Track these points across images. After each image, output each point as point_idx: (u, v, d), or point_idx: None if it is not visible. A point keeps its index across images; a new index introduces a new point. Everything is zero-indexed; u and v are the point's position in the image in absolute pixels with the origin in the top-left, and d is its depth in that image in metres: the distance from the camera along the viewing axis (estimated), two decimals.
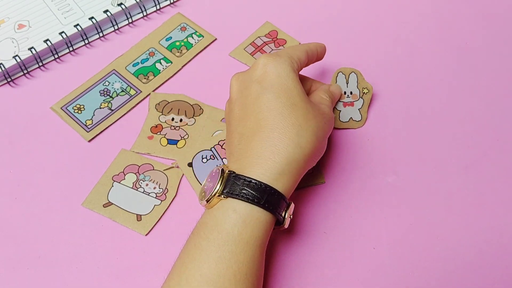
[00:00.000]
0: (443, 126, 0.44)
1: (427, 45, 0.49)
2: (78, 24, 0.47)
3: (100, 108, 0.44)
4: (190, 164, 0.41)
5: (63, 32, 0.47)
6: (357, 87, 0.45)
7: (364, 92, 0.44)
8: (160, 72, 0.46)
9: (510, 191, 0.40)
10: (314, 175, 0.40)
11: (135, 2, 0.49)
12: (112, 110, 0.44)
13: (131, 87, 0.45)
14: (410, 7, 0.52)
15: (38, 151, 0.42)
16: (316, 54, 0.41)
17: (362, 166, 0.41)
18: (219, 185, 0.32)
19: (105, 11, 0.48)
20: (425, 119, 0.44)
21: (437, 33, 0.50)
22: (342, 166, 0.41)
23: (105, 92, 0.45)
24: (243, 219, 0.31)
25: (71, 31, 0.47)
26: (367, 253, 0.37)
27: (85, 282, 0.36)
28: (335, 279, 0.36)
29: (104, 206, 0.39)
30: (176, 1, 0.52)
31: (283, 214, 0.33)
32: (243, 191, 0.31)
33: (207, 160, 0.41)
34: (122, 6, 0.49)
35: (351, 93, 0.44)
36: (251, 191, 0.31)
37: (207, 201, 0.32)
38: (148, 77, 0.46)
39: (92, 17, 0.48)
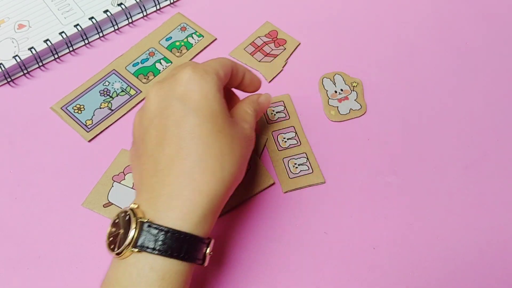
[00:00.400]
0: (443, 126, 0.44)
1: (427, 45, 0.49)
2: (78, 24, 0.47)
3: (100, 108, 0.44)
4: None
5: (63, 32, 0.47)
6: (345, 84, 0.45)
7: (354, 86, 0.45)
8: (160, 72, 0.46)
9: (510, 191, 0.40)
10: (314, 175, 0.41)
11: (135, 2, 0.49)
12: (112, 110, 0.44)
13: (131, 87, 0.45)
14: (410, 7, 0.52)
15: (38, 151, 0.42)
16: (242, 79, 0.37)
17: (362, 166, 0.41)
18: (131, 235, 0.27)
19: (105, 11, 0.48)
20: (425, 119, 0.44)
21: (437, 33, 0.50)
22: (342, 166, 0.41)
23: (105, 92, 0.45)
24: (162, 276, 0.27)
25: (71, 31, 0.47)
26: (367, 253, 0.37)
27: (85, 282, 0.36)
28: (335, 279, 0.36)
29: (104, 206, 0.39)
30: (176, 1, 0.52)
31: (203, 256, 0.30)
32: (160, 244, 0.27)
33: None
34: (122, 6, 0.49)
35: (341, 90, 0.45)
36: (169, 243, 0.27)
37: (118, 253, 0.28)
38: (148, 77, 0.46)
39: (92, 17, 0.48)
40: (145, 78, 0.46)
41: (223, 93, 0.33)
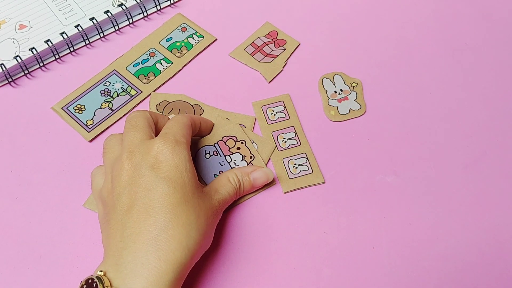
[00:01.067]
0: (442, 126, 0.44)
1: (427, 45, 0.49)
2: (79, 25, 0.47)
3: (101, 108, 0.44)
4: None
5: (64, 32, 0.47)
6: (345, 84, 0.45)
7: (353, 86, 0.45)
8: (160, 73, 0.46)
9: (510, 191, 0.40)
10: (314, 175, 0.41)
11: (135, 2, 0.49)
12: (113, 110, 0.44)
13: (131, 87, 0.45)
14: (410, 7, 0.52)
15: (39, 151, 0.42)
16: (200, 128, 0.39)
17: (362, 166, 0.41)
18: None
19: (106, 12, 0.48)
20: (424, 119, 0.44)
21: (437, 33, 0.50)
22: (342, 166, 0.41)
23: (105, 92, 0.45)
24: None
25: (72, 31, 0.47)
26: (367, 253, 0.37)
27: None
28: (335, 279, 0.36)
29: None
30: (176, 2, 0.52)
31: None
32: None
33: (210, 155, 0.41)
34: (123, 6, 0.49)
35: (341, 90, 0.45)
36: None
37: None
38: (149, 77, 0.46)
39: (93, 18, 0.48)
40: (145, 78, 0.46)
41: (191, 158, 0.34)
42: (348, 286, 0.36)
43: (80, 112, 0.44)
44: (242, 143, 0.41)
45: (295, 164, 0.41)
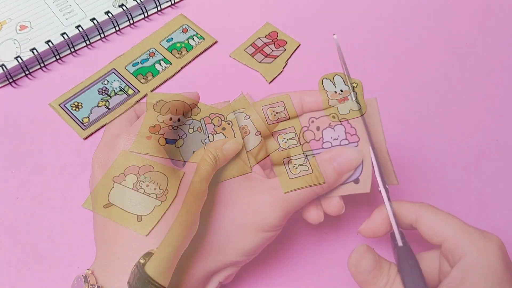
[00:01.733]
0: (442, 126, 0.44)
1: (427, 45, 0.49)
2: (79, 25, 0.48)
3: (98, 106, 0.44)
4: None
5: (64, 33, 0.47)
6: (345, 85, 0.45)
7: (354, 86, 0.45)
8: (159, 73, 0.46)
9: (509, 191, 0.40)
10: (314, 175, 0.40)
11: (136, 3, 0.49)
12: (110, 109, 0.44)
13: (129, 87, 0.45)
14: (410, 7, 0.52)
15: (39, 152, 0.42)
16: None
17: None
18: None
19: (106, 12, 0.48)
20: (424, 119, 0.44)
21: (437, 34, 0.50)
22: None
23: (103, 91, 0.45)
24: None
25: (72, 32, 0.47)
26: None
27: None
28: (335, 279, 0.36)
29: (105, 207, 0.39)
30: (177, 2, 0.52)
31: None
32: None
33: (194, 131, 0.40)
34: (123, 7, 0.49)
35: (341, 90, 0.45)
36: None
37: None
38: (147, 77, 0.46)
39: (94, 18, 0.48)
40: (143, 78, 0.46)
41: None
42: (348, 286, 0.36)
43: (77, 109, 0.44)
44: (228, 123, 0.41)
45: (295, 164, 0.41)
